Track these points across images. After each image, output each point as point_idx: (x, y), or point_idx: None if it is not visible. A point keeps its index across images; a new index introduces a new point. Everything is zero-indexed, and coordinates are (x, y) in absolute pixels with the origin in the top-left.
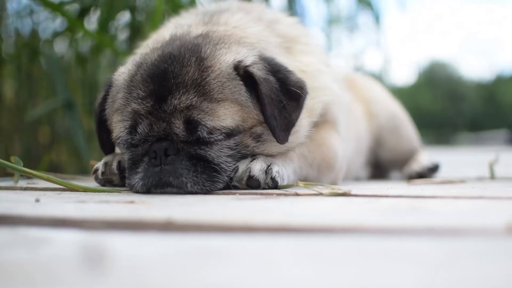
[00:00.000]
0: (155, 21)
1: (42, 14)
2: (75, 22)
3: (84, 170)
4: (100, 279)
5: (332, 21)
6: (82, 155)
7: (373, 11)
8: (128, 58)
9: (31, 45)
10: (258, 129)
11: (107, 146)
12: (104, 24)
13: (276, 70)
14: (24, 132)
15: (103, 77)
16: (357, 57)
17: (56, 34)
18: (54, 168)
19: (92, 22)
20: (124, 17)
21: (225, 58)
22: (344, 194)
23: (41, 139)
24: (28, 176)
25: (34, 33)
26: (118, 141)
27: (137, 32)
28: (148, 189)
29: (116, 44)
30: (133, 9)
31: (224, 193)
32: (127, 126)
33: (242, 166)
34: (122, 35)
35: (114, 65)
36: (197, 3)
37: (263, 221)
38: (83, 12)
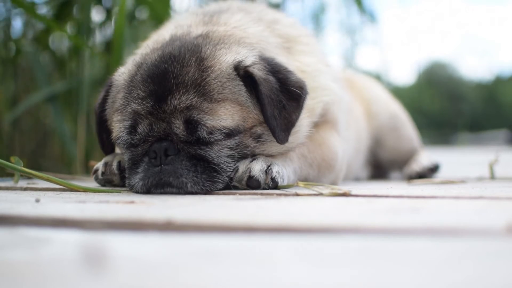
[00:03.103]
0: (120, 19)
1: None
2: (51, 24)
3: (69, 164)
4: (100, 279)
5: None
6: (67, 148)
7: (363, 8)
8: (128, 58)
9: (11, 43)
10: (258, 129)
11: (107, 146)
12: (82, 23)
13: (276, 70)
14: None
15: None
16: (349, 56)
17: (36, 36)
18: (48, 168)
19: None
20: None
21: (225, 58)
22: (344, 194)
23: (35, 139)
24: (28, 176)
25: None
26: (118, 141)
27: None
28: (148, 189)
29: (92, 44)
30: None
31: (224, 193)
32: (127, 126)
33: (242, 166)
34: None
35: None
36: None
37: (263, 221)
38: (63, 11)
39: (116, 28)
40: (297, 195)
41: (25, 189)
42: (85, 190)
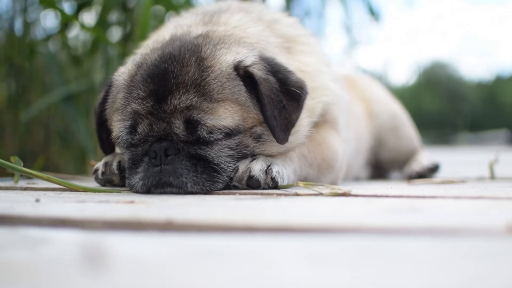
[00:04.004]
0: (144, 21)
1: (35, 12)
2: (70, 18)
3: (80, 167)
4: (100, 279)
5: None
6: (84, 148)
7: (369, 6)
8: (127, 57)
9: (25, 44)
10: (258, 129)
11: (107, 146)
12: (102, 19)
13: (276, 70)
14: (19, 132)
15: (98, 78)
16: (349, 56)
17: (50, 35)
18: (48, 168)
19: (86, 20)
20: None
21: (225, 58)
22: (344, 194)
23: (36, 139)
24: (28, 176)
25: (27, 32)
26: (118, 140)
27: (130, 33)
28: (148, 189)
29: (110, 39)
30: (125, 8)
31: (224, 193)
32: (127, 126)
33: (242, 166)
34: (116, 33)
35: (108, 66)
36: (192, 2)
37: (263, 221)
38: (80, 8)
39: (140, 24)
40: (297, 195)
41: (25, 189)
42: (85, 190)
